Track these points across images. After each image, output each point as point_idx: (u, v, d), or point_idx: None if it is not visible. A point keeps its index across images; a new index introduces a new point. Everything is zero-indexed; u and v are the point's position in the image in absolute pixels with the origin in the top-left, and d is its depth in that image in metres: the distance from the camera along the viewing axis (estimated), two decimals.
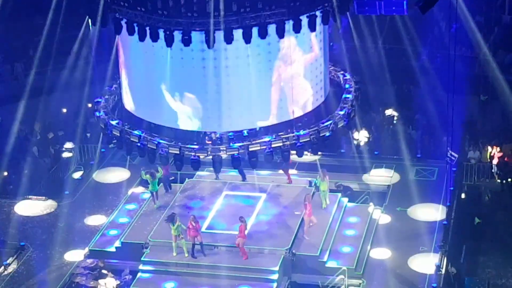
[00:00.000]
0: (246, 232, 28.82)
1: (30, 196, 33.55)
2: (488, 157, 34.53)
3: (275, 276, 28.24)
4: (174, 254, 29.05)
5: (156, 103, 28.53)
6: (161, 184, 32.23)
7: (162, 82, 28.03)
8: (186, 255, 29.00)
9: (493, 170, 34.16)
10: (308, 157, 32.35)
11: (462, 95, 34.32)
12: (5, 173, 34.44)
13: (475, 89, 36.11)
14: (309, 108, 29.13)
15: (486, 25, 37.43)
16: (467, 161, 34.54)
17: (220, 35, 26.53)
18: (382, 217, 31.73)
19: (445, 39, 32.74)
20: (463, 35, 34.39)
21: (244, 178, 32.32)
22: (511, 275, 28.98)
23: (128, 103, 29.54)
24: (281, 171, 32.64)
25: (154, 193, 31.46)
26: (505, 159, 34.10)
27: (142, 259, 29.16)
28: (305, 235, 29.73)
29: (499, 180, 33.96)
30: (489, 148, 34.57)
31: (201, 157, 28.11)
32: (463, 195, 32.92)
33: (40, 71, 36.69)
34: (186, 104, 28.06)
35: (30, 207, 33.30)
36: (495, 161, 34.10)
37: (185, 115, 28.29)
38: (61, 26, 35.30)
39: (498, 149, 34.25)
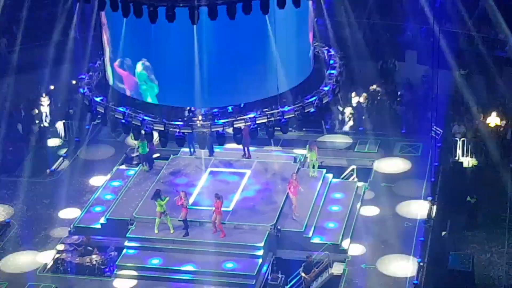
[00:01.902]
0: (222, 209, 28.75)
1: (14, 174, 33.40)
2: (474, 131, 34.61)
3: (260, 252, 28.33)
4: (156, 231, 29.06)
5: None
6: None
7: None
8: (172, 231, 29.01)
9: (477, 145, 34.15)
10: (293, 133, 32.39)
11: (447, 70, 34.37)
12: None
13: (459, 64, 36.11)
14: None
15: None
16: (452, 136, 34.64)
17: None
18: (367, 193, 31.83)
19: (429, 14, 32.63)
20: (446, 9, 34.34)
21: (211, 153, 32.28)
22: (495, 250, 29.15)
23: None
24: (267, 148, 32.67)
25: (143, 156, 31.21)
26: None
27: (127, 235, 29.19)
28: (294, 212, 29.75)
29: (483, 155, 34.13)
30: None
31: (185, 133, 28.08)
32: (447, 170, 33.02)
33: (23, 47, 36.37)
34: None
35: (14, 185, 33.17)
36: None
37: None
38: (44, 2, 35.00)
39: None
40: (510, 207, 30.95)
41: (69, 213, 31.29)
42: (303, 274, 27.53)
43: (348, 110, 35.66)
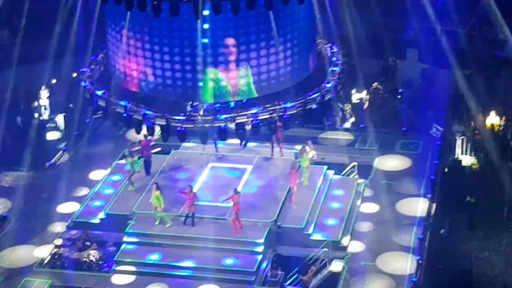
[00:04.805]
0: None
1: (12, 169, 33.29)
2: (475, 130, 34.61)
3: (260, 249, 28.31)
4: (168, 225, 29.06)
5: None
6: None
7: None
8: (157, 222, 28.94)
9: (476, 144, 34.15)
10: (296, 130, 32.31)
11: (448, 69, 34.40)
12: None
13: (460, 63, 36.14)
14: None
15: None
16: (452, 134, 34.68)
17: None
18: (367, 190, 31.83)
19: (431, 13, 32.66)
20: (449, 9, 34.38)
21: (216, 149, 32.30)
22: (493, 249, 29.21)
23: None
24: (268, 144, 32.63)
25: (132, 172, 30.89)
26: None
27: (126, 230, 29.09)
28: (292, 204, 29.78)
29: (482, 154, 34.17)
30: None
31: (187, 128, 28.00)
32: (447, 169, 33.06)
33: (25, 39, 36.22)
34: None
35: (13, 177, 33.03)
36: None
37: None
38: None
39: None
40: (508, 206, 31.00)
41: (68, 207, 31.15)
42: (301, 277, 27.48)
43: (349, 107, 35.64)
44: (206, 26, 26.90)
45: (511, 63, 36.01)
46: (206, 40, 27.07)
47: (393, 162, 33.45)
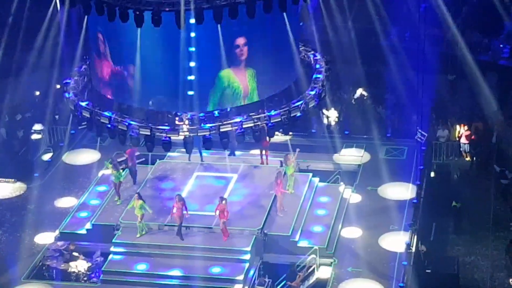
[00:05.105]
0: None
1: None
2: (456, 135, 34.87)
3: (247, 257, 28.33)
4: (138, 235, 29.03)
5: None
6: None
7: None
8: (138, 235, 28.92)
9: (461, 149, 34.50)
10: (279, 137, 32.39)
11: (431, 74, 34.52)
12: None
13: (443, 69, 36.34)
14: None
15: (454, 4, 37.62)
16: (436, 139, 34.82)
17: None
18: (353, 196, 31.93)
19: (414, 19, 32.80)
20: (431, 14, 34.54)
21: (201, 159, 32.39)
22: (480, 253, 29.33)
23: None
24: (253, 152, 32.65)
25: (117, 184, 30.83)
26: (472, 137, 34.46)
27: (113, 241, 29.08)
28: (278, 212, 29.85)
29: (467, 159, 34.33)
30: (458, 127, 34.88)
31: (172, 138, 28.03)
32: (432, 174, 33.18)
33: (7, 52, 36.18)
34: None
35: None
36: (463, 140, 34.43)
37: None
38: (29, 7, 34.87)
39: (466, 127, 34.57)
40: (494, 210, 31.15)
41: (54, 218, 31.03)
42: (289, 283, 27.50)
43: (333, 114, 35.71)
44: (192, 34, 26.93)
45: (495, 68, 36.28)
46: (192, 49, 27.11)
47: (378, 168, 33.49)
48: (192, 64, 27.41)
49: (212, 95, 28.14)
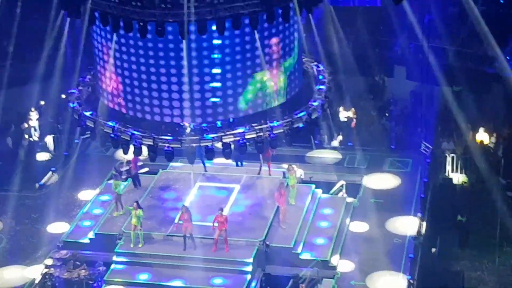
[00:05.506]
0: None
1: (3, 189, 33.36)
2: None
3: (249, 268, 28.27)
4: (132, 245, 29.03)
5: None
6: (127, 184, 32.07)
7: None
8: (141, 245, 28.97)
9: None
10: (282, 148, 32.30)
11: (436, 86, 34.46)
12: None
13: (448, 80, 36.22)
14: None
15: (459, 16, 37.54)
16: (441, 152, 34.68)
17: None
18: (356, 209, 31.76)
19: (418, 30, 32.78)
20: (436, 26, 34.49)
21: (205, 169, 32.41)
22: (485, 267, 29.07)
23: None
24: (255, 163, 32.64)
25: (118, 195, 30.79)
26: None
27: (116, 250, 29.10)
28: (281, 224, 29.77)
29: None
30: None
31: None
32: (437, 187, 33.03)
33: (13, 62, 36.37)
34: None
35: (3, 199, 33.05)
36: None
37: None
38: (34, 17, 35.06)
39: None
40: (500, 224, 30.89)
41: (58, 227, 31.20)
42: None
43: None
44: (217, 41, 27.17)
45: (500, 80, 36.11)
46: (217, 55, 27.35)
47: (382, 181, 33.39)
48: (217, 70, 27.52)
49: (244, 97, 28.18)
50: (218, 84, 27.69)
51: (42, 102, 37.21)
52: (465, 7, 30.83)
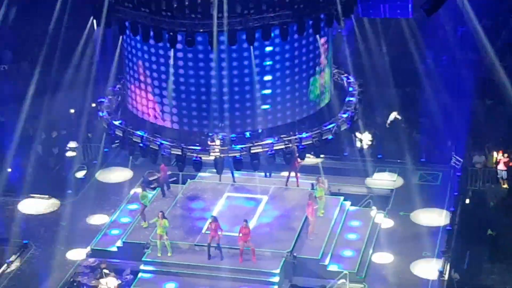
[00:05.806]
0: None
1: (33, 195, 33.57)
2: (494, 162, 34.31)
3: (276, 279, 28.18)
4: (159, 254, 29.06)
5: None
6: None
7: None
8: (169, 254, 29.01)
9: (498, 176, 33.94)
10: (310, 159, 32.25)
11: (468, 99, 34.17)
12: (9, 170, 34.47)
13: (480, 93, 35.90)
14: None
15: (493, 28, 37.23)
16: (472, 166, 34.34)
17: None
18: (385, 221, 31.60)
19: (450, 42, 32.54)
20: (468, 38, 34.22)
21: (233, 180, 32.40)
22: None
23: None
24: (286, 174, 32.56)
25: (145, 207, 30.84)
26: (510, 164, 33.90)
27: (143, 259, 29.16)
28: (309, 235, 29.67)
29: (505, 186, 33.73)
30: (495, 153, 34.34)
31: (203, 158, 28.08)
32: (467, 200, 32.72)
33: (45, 70, 36.67)
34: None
35: (33, 205, 33.33)
36: (500, 167, 33.87)
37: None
38: (65, 26, 35.36)
39: (505, 154, 33.98)
40: None
41: (87, 235, 31.25)
42: None
43: (367, 137, 35.47)
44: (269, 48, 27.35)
45: None
46: (269, 62, 27.50)
47: (411, 193, 33.13)
48: (268, 78, 27.64)
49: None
50: (268, 91, 27.83)
51: (72, 111, 37.46)
52: (499, 20, 30.61)
